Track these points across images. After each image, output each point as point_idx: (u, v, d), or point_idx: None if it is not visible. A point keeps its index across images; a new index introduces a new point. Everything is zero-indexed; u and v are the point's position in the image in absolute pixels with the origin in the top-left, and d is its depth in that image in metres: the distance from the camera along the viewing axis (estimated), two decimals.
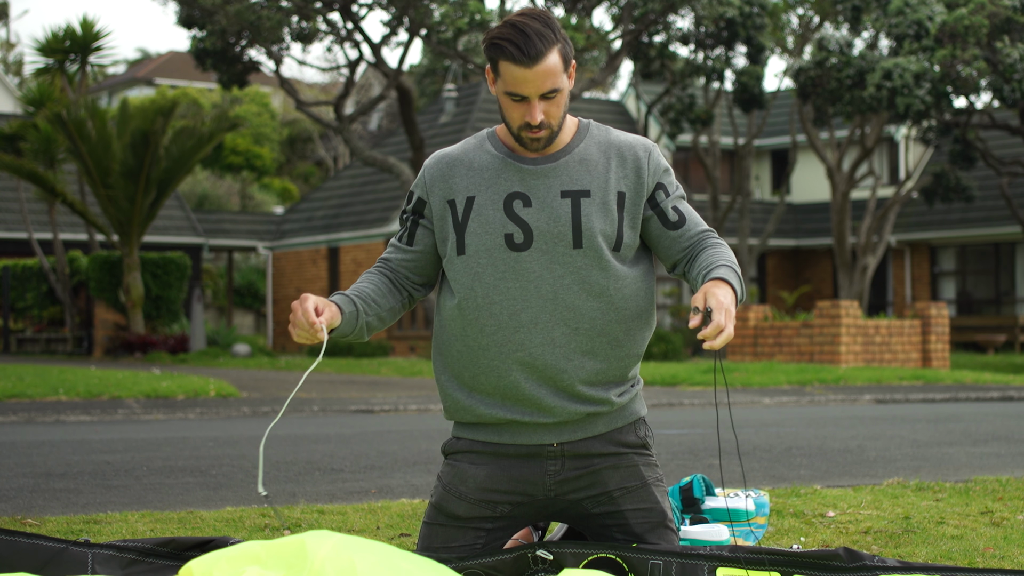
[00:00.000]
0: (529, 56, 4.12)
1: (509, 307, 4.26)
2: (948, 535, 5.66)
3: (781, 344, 25.44)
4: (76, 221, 35.09)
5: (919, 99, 27.41)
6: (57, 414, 14.25)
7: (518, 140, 4.28)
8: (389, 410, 15.49)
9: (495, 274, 4.26)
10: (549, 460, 4.34)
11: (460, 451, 4.42)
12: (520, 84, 4.17)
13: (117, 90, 67.71)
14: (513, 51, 4.13)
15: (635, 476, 4.38)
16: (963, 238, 40.15)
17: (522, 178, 4.30)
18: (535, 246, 4.25)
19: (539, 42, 4.14)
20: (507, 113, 4.25)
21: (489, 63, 4.25)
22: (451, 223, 4.32)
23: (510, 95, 4.20)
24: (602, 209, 4.29)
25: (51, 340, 32.21)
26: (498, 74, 4.21)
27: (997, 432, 11.96)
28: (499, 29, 4.17)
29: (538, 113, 4.20)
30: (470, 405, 4.34)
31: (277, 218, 44.24)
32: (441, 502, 4.36)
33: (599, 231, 4.28)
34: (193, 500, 7.21)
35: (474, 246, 4.28)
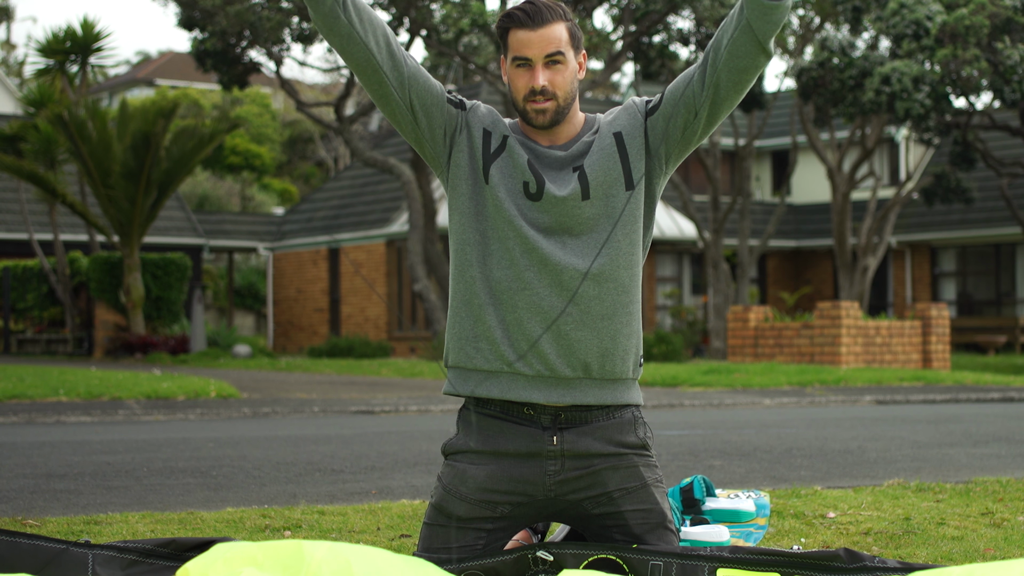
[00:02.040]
0: (534, 20, 4.33)
1: (523, 244, 4.37)
2: (948, 536, 5.66)
3: (781, 345, 25.44)
4: (77, 222, 35.09)
5: (918, 103, 27.40)
6: (57, 415, 14.25)
7: (524, 116, 4.42)
8: (389, 411, 15.49)
9: (512, 210, 4.39)
10: (549, 460, 4.37)
11: (460, 451, 4.44)
12: (524, 46, 4.34)
13: (118, 91, 67.71)
14: (520, 16, 4.33)
15: (635, 477, 4.41)
16: (963, 239, 40.15)
17: (537, 155, 4.44)
18: (545, 199, 4.37)
19: (546, 12, 4.35)
20: (514, 85, 4.41)
21: (501, 44, 4.43)
22: (481, 150, 4.44)
23: (516, 60, 4.37)
24: (601, 157, 4.43)
25: (51, 341, 32.21)
26: (507, 47, 4.39)
27: (998, 433, 11.96)
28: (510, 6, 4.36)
29: (540, 77, 4.34)
30: (475, 336, 4.41)
31: (278, 219, 44.24)
32: (441, 502, 4.38)
33: (604, 179, 4.41)
34: (193, 501, 7.21)
35: (496, 178, 4.41)
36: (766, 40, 4.28)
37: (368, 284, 37.02)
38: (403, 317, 36.55)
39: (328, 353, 31.54)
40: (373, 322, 36.97)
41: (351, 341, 31.82)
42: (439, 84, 4.50)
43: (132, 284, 28.37)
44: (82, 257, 32.18)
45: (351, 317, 37.90)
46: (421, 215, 28.67)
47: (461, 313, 4.44)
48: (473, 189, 4.43)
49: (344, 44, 4.39)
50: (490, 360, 4.39)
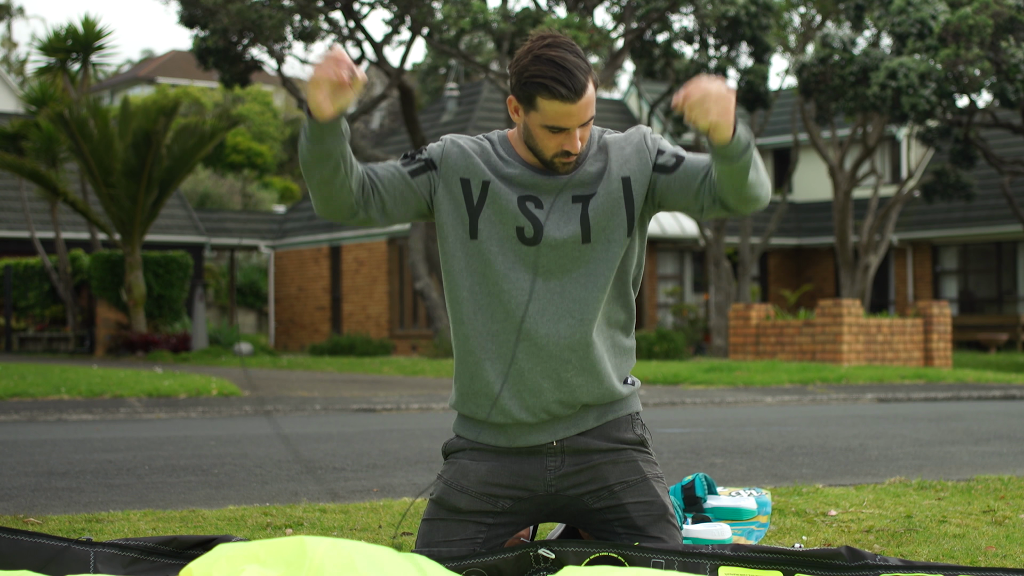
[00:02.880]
0: (575, 91, 4.18)
1: (517, 296, 4.32)
2: (950, 534, 5.65)
3: (783, 343, 25.44)
4: (78, 220, 35.11)
5: (924, 99, 27.40)
6: (59, 413, 14.25)
7: (548, 165, 4.34)
8: (391, 409, 15.49)
9: (505, 263, 4.32)
10: (549, 457, 4.41)
11: (461, 449, 4.48)
12: (563, 118, 4.22)
13: (119, 89, 67.72)
14: (560, 89, 4.17)
15: (635, 471, 4.44)
16: (965, 237, 40.14)
17: (536, 185, 4.36)
18: (544, 242, 4.31)
19: (580, 76, 4.20)
20: (541, 143, 4.29)
21: (519, 97, 4.27)
22: (464, 204, 4.36)
23: (549, 128, 4.25)
24: (608, 201, 4.35)
25: (53, 339, 32.22)
26: (534, 108, 4.24)
27: (999, 431, 11.96)
28: (536, 66, 4.18)
29: (579, 142, 4.27)
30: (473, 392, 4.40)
31: (279, 217, 44.24)
32: (442, 496, 4.41)
33: (607, 224, 4.35)
34: (195, 499, 7.21)
35: (486, 232, 4.33)
36: (749, 208, 4.34)
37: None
38: (404, 315, 36.56)
39: (329, 351, 31.54)
40: (374, 320, 36.97)
41: (352, 339, 31.83)
42: (396, 171, 4.37)
43: (133, 282, 28.37)
44: (84, 255, 32.19)
45: (352, 315, 37.91)
46: None
47: (460, 367, 4.46)
48: (463, 246, 4.37)
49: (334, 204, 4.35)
50: (493, 415, 4.41)
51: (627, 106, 47.05)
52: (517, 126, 4.40)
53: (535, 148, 4.31)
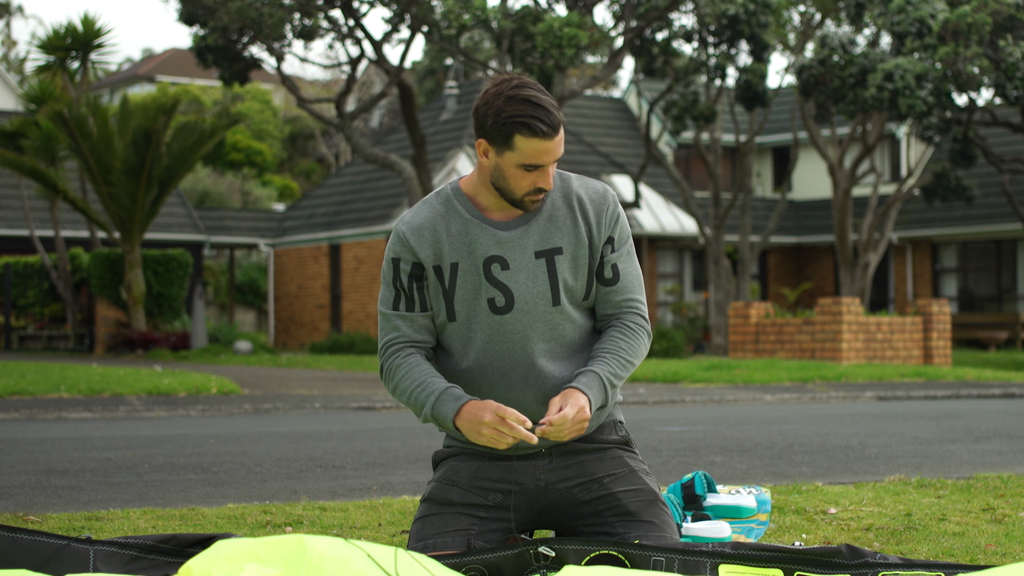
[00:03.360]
0: (553, 128, 4.27)
1: (500, 368, 4.43)
2: (950, 532, 5.66)
3: (783, 341, 25.44)
4: (78, 218, 35.11)
5: (921, 100, 27.40)
6: (59, 411, 14.25)
7: (518, 204, 4.40)
8: (391, 407, 15.49)
9: (483, 338, 4.43)
10: (538, 458, 4.51)
11: (452, 455, 4.59)
12: (541, 155, 4.29)
13: (118, 87, 67.72)
14: (539, 127, 4.25)
15: (622, 464, 4.55)
16: (965, 235, 40.14)
17: (497, 241, 4.41)
18: (516, 307, 4.41)
19: (555, 113, 4.30)
20: (513, 182, 4.35)
21: (492, 138, 4.31)
22: (440, 290, 4.44)
23: (524, 167, 4.31)
24: (573, 264, 4.46)
25: (53, 337, 32.22)
26: (510, 148, 4.29)
27: (999, 429, 11.96)
28: (513, 106, 4.25)
29: (551, 178, 4.36)
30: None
31: (278, 215, 44.23)
32: (434, 492, 4.49)
33: (572, 286, 4.46)
34: (195, 497, 7.21)
35: (463, 313, 4.44)
36: None
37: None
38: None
39: (329, 349, 31.55)
40: (374, 318, 36.95)
41: (352, 337, 31.82)
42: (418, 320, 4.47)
43: (133, 280, 28.37)
44: (83, 253, 32.19)
45: (352, 313, 37.90)
46: None
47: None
48: (445, 324, 4.49)
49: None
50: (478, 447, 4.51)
51: (627, 104, 47.03)
52: (478, 171, 4.45)
53: (505, 189, 4.37)
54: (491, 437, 4.19)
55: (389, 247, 4.44)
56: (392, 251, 4.43)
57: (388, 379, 4.44)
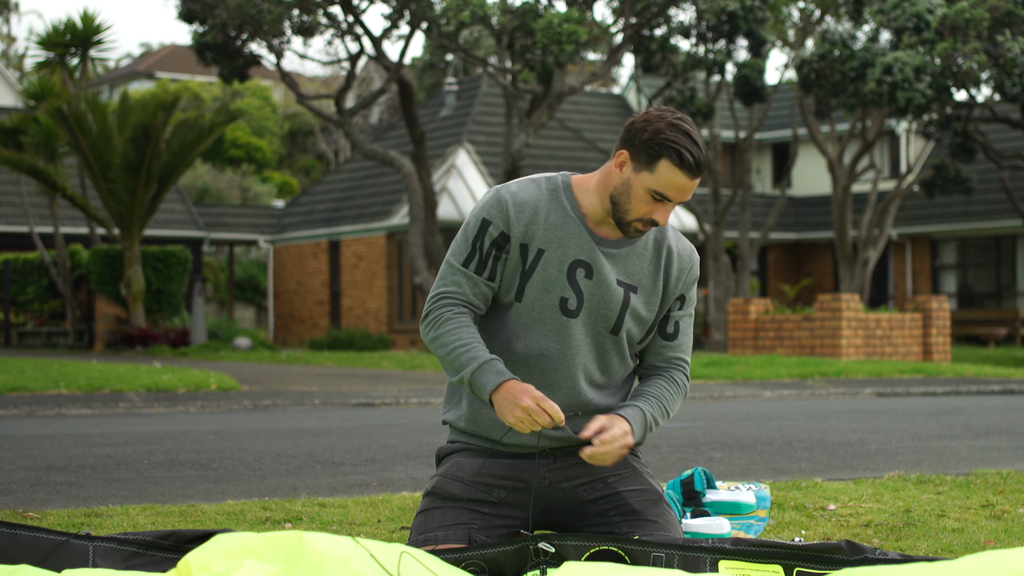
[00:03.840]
0: (699, 169, 4.27)
1: (544, 364, 4.43)
2: (949, 528, 5.66)
3: (782, 337, 25.44)
4: (77, 215, 35.11)
5: (920, 93, 27.39)
6: (58, 407, 14.26)
7: (623, 225, 4.36)
8: (390, 403, 15.49)
9: (542, 330, 4.42)
10: (543, 457, 4.51)
11: (456, 451, 4.58)
12: (676, 190, 4.27)
13: (118, 84, 67.71)
14: (689, 159, 4.23)
15: (625, 465, 4.55)
16: (964, 231, 40.14)
17: (589, 250, 4.39)
18: (582, 316, 4.40)
19: (705, 157, 4.30)
20: (634, 203, 4.31)
21: (638, 153, 4.27)
22: (520, 269, 4.41)
23: (654, 193, 4.27)
24: (644, 306, 4.47)
25: (52, 334, 32.22)
26: (650, 170, 4.26)
27: (998, 425, 11.97)
28: (673, 132, 4.23)
29: (670, 216, 4.35)
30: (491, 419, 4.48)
31: (278, 211, 44.22)
32: (438, 486, 4.49)
33: (635, 326, 4.47)
34: (194, 493, 7.21)
35: (531, 298, 4.41)
36: None
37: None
38: (403, 309, 36.55)
39: (328, 346, 31.54)
40: (374, 315, 36.97)
41: (352, 334, 31.82)
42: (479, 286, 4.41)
43: (132, 277, 28.37)
44: (82, 250, 32.19)
45: (351, 310, 37.90)
46: (422, 208, 28.66)
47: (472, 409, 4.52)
48: (509, 304, 4.47)
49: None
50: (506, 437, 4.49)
51: (626, 100, 47.04)
52: (602, 177, 4.40)
53: (621, 206, 4.33)
54: (520, 419, 4.16)
55: (484, 206, 4.38)
56: (486, 211, 4.36)
57: (431, 327, 4.37)
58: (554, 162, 38.84)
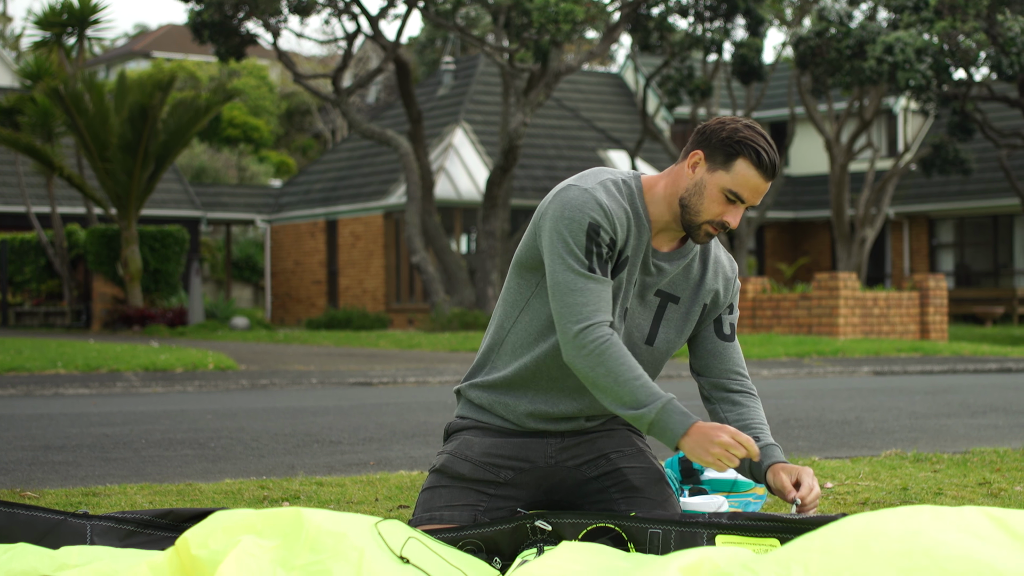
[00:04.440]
0: (774, 171, 4.23)
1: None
2: (946, 506, 5.66)
3: (779, 316, 25.45)
4: (74, 195, 35.07)
5: (920, 73, 27.36)
6: (56, 387, 14.26)
7: (693, 228, 4.31)
8: (388, 383, 15.50)
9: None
10: (551, 436, 4.51)
11: (465, 428, 4.56)
12: (750, 191, 4.23)
13: (114, 64, 67.62)
14: (766, 160, 4.19)
15: (629, 443, 4.57)
16: (962, 210, 40.13)
17: (646, 263, 4.37)
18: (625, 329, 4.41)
19: (779, 162, 4.27)
20: (707, 204, 4.26)
21: (714, 152, 4.24)
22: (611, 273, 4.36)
23: (729, 193, 4.23)
24: (684, 318, 4.47)
25: (49, 314, 32.22)
26: (726, 169, 4.22)
27: (995, 404, 11.97)
28: (750, 132, 4.20)
29: (739, 218, 4.30)
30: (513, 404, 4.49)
31: (275, 191, 44.20)
32: (446, 464, 4.47)
33: (672, 338, 4.48)
34: (192, 472, 7.21)
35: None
36: None
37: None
38: (400, 288, 36.55)
39: (326, 325, 31.55)
40: (371, 294, 36.98)
41: (349, 313, 31.84)
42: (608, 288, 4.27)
43: (130, 257, 28.36)
44: (80, 230, 32.18)
45: (349, 289, 37.91)
46: (419, 187, 28.65)
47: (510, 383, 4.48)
48: None
49: None
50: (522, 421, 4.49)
51: (623, 80, 46.98)
52: (672, 180, 4.34)
53: (693, 208, 4.28)
54: (719, 456, 4.12)
55: (582, 211, 4.19)
56: (590, 216, 4.18)
57: (597, 355, 4.19)
58: (551, 141, 38.82)
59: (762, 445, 4.39)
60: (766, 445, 4.39)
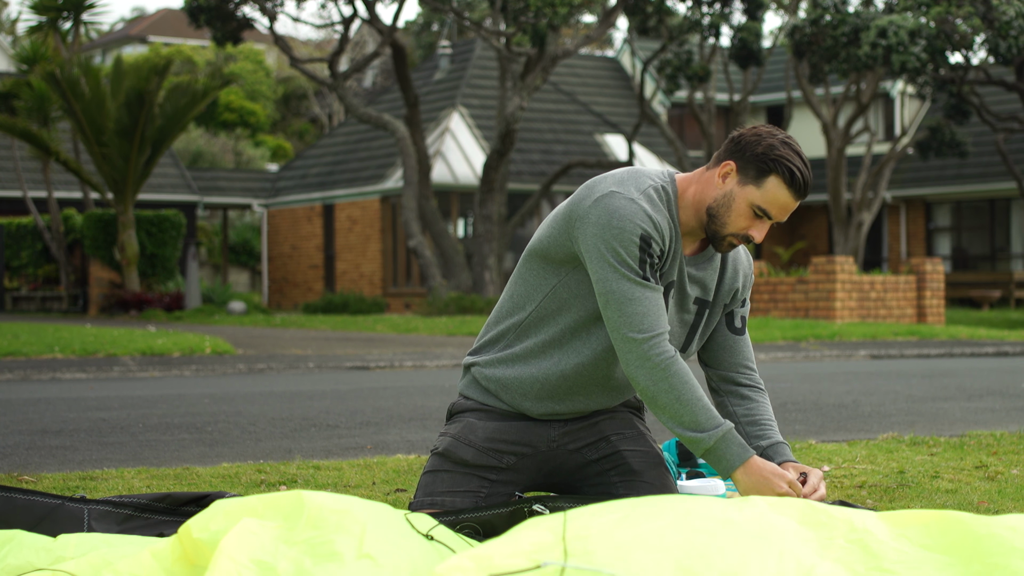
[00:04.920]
0: (806, 191, 4.19)
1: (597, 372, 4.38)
2: (943, 489, 5.67)
3: (776, 300, 25.46)
4: (70, 179, 35.05)
5: (915, 56, 27.33)
6: (53, 371, 14.26)
7: (717, 239, 4.27)
8: (385, 367, 15.50)
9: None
10: (556, 422, 4.50)
11: (469, 409, 4.52)
12: (779, 208, 4.19)
13: (110, 48, 67.55)
14: (799, 181, 4.15)
15: (630, 425, 4.57)
16: (958, 194, 40.14)
17: (681, 271, 4.33)
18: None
19: (811, 175, 4.21)
20: (734, 217, 4.21)
21: (747, 166, 4.18)
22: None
23: (757, 208, 4.19)
24: (709, 321, 4.46)
25: (46, 298, 32.21)
26: (757, 184, 4.17)
27: (992, 387, 11.99)
28: (787, 150, 4.14)
29: (763, 235, 4.26)
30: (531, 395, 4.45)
31: (272, 175, 44.17)
32: (449, 449, 4.45)
33: (701, 341, 4.50)
34: (189, 456, 7.22)
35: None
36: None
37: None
38: (397, 274, 36.54)
39: (323, 309, 31.56)
40: (368, 278, 36.98)
41: (346, 297, 31.84)
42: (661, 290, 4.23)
43: (126, 241, 28.35)
44: (76, 214, 32.16)
45: (346, 273, 37.90)
46: (416, 171, 28.63)
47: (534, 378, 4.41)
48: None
49: None
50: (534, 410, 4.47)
51: (621, 64, 46.95)
52: (701, 188, 4.28)
53: (720, 219, 4.23)
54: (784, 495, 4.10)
55: (632, 222, 4.12)
56: (641, 228, 4.11)
57: (662, 370, 4.15)
58: (548, 125, 38.79)
59: (771, 443, 4.37)
60: (775, 443, 4.37)
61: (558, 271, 4.32)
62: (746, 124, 27.89)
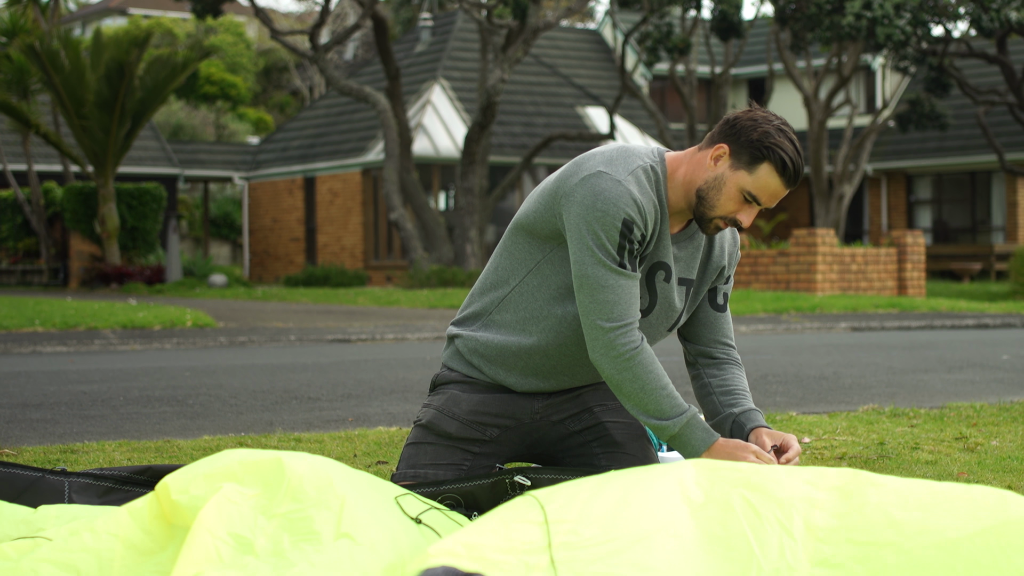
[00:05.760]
0: (797, 180, 4.17)
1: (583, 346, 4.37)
2: (923, 460, 5.69)
3: (757, 272, 25.49)
4: (50, 152, 34.94)
5: (899, 29, 27.33)
6: (33, 345, 14.23)
7: (704, 221, 4.24)
8: (366, 339, 15.50)
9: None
10: (539, 395, 4.50)
11: (452, 381, 4.52)
12: (769, 195, 4.17)
13: (90, 20, 67.27)
14: (791, 170, 4.13)
15: (613, 397, 4.57)
16: (939, 167, 40.19)
17: (667, 251, 4.30)
18: (649, 319, 4.36)
19: (804, 164, 4.19)
20: (723, 201, 4.18)
21: (740, 151, 4.15)
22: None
23: (747, 195, 4.16)
24: (694, 299, 4.46)
25: (26, 272, 32.13)
26: (749, 170, 4.14)
27: (972, 359, 12.02)
28: (782, 139, 4.12)
29: (752, 219, 4.24)
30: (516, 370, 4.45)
31: (253, 148, 44.06)
32: (432, 421, 4.45)
33: (685, 318, 4.50)
34: (170, 429, 7.21)
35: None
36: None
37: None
38: (378, 246, 36.51)
39: (304, 282, 31.53)
40: (349, 251, 36.94)
41: (327, 270, 31.81)
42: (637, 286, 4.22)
43: (107, 214, 28.29)
44: (56, 187, 32.07)
45: (327, 246, 37.86)
46: (397, 144, 28.59)
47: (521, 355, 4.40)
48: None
49: None
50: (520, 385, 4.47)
51: (602, 36, 46.88)
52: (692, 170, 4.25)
53: (709, 201, 4.19)
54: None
55: (616, 206, 4.10)
56: (625, 212, 4.10)
57: (626, 360, 4.16)
58: (529, 97, 38.73)
59: (743, 410, 4.38)
60: (748, 410, 4.38)
61: (543, 247, 4.31)
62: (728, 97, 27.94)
